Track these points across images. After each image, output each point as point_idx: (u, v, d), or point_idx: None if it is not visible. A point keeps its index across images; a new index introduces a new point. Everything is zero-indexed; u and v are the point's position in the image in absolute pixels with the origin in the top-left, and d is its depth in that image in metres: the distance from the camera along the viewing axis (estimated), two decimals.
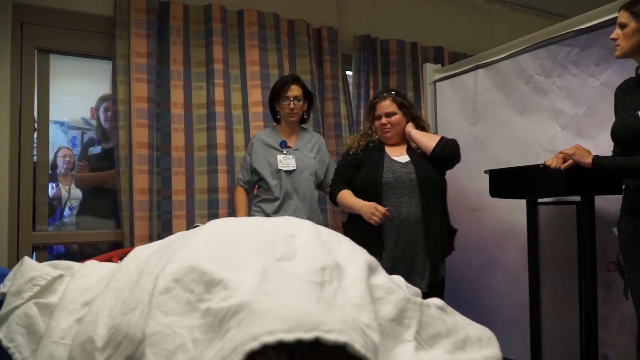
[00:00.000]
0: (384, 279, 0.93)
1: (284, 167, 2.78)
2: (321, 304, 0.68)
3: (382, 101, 2.63)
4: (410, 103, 2.68)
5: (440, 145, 2.50)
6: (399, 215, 2.44)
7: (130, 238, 2.80)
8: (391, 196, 2.48)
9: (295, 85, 2.78)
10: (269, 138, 2.84)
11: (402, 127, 2.62)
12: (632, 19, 1.91)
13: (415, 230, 2.44)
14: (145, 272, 0.84)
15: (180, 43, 3.06)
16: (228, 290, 0.74)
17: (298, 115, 2.83)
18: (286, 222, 1.04)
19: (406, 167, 2.52)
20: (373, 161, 2.58)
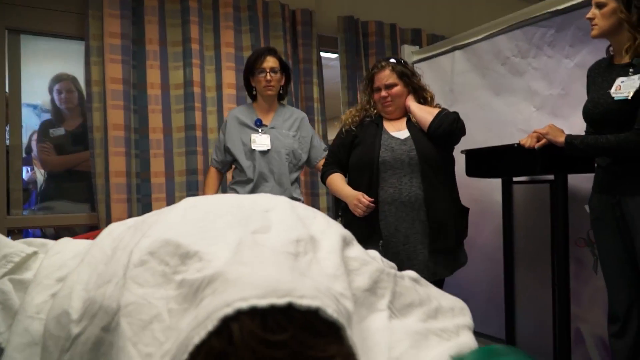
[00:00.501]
0: (359, 252, 0.94)
1: (257, 146, 2.63)
2: (295, 273, 0.69)
3: (381, 71, 2.36)
4: (411, 71, 2.42)
5: (436, 122, 2.24)
6: (399, 198, 2.21)
7: (107, 221, 2.78)
8: (389, 177, 2.24)
9: (270, 57, 2.64)
10: (244, 116, 2.71)
11: (404, 100, 2.37)
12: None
13: (419, 214, 2.21)
14: (119, 247, 0.84)
15: (155, 22, 3.02)
16: (203, 262, 0.74)
17: (275, 88, 2.68)
18: (262, 198, 1.04)
19: (405, 143, 2.27)
20: (369, 138, 2.33)
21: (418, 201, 2.20)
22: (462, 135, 2.32)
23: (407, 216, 2.21)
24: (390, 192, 2.22)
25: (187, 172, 3.03)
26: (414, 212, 2.21)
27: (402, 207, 2.21)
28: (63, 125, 3.19)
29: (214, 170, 2.77)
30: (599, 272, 2.16)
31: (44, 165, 3.21)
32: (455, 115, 2.28)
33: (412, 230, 2.21)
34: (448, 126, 2.23)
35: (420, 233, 2.21)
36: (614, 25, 1.95)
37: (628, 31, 1.93)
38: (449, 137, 2.26)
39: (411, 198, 2.20)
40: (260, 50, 2.70)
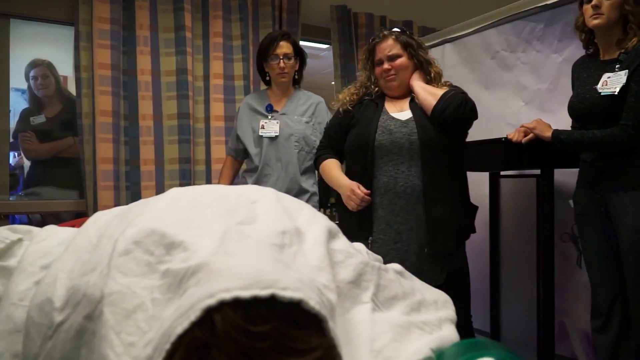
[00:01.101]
0: (344, 244, 0.95)
1: (265, 133, 2.53)
2: (279, 264, 0.69)
3: (383, 41, 2.09)
4: (418, 42, 2.14)
5: (439, 105, 1.95)
6: (394, 188, 1.95)
7: (95, 208, 2.77)
8: (385, 163, 1.98)
9: (284, 42, 2.52)
10: (256, 102, 2.62)
11: (409, 73, 2.10)
12: None
13: (415, 208, 1.95)
14: (105, 235, 0.84)
15: (146, 7, 2.99)
16: (188, 252, 0.75)
17: (289, 75, 2.56)
18: (248, 190, 1.04)
19: (406, 126, 2.00)
20: (365, 119, 2.07)
21: (415, 193, 1.94)
22: (473, 119, 2.04)
23: (400, 210, 1.95)
24: (384, 180, 1.97)
25: (180, 160, 3.01)
26: (409, 205, 1.95)
27: (395, 199, 1.95)
28: (43, 112, 3.16)
29: (230, 158, 2.72)
30: (583, 267, 2.18)
31: (27, 154, 3.18)
32: (463, 97, 1.96)
33: (405, 227, 1.95)
34: (453, 111, 1.93)
35: (415, 230, 1.95)
36: (618, 17, 1.95)
37: (630, 25, 1.93)
38: (454, 123, 1.97)
39: (407, 189, 1.94)
40: (273, 35, 2.57)
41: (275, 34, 2.59)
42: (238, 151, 2.66)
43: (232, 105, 3.18)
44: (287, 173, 2.51)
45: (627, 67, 1.90)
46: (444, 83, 2.10)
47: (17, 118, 3.22)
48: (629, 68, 1.89)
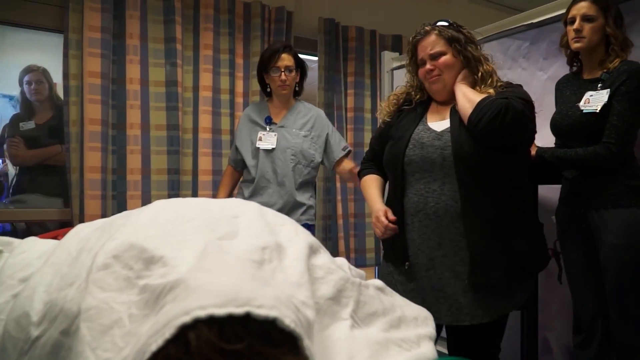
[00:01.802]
0: (325, 260, 0.96)
1: (262, 145, 2.53)
2: (256, 281, 0.70)
3: (425, 38, 1.81)
4: (468, 36, 1.81)
5: (474, 114, 1.64)
6: (424, 209, 1.72)
7: (80, 217, 2.75)
8: (417, 180, 1.75)
9: (286, 54, 2.52)
10: (255, 113, 2.63)
11: (456, 72, 1.79)
12: (601, 14, 1.98)
13: (449, 232, 1.68)
14: (85, 248, 0.85)
15: (137, 17, 2.99)
16: (167, 267, 0.75)
17: (290, 87, 2.57)
18: (231, 204, 1.05)
19: (440, 138, 1.74)
20: (402, 129, 1.85)
21: (448, 215, 1.68)
22: (521, 131, 1.69)
23: (432, 233, 1.71)
24: (414, 200, 1.75)
25: (168, 171, 3.00)
26: (441, 228, 1.69)
27: (426, 221, 1.72)
28: (34, 118, 3.15)
29: (230, 168, 2.72)
30: (565, 283, 2.20)
31: (13, 160, 3.16)
32: (503, 104, 1.60)
33: (438, 252, 1.70)
34: (488, 122, 1.60)
35: (449, 257, 1.69)
36: (599, 40, 2.00)
37: (612, 47, 1.97)
38: (492, 136, 1.63)
39: (438, 210, 1.69)
40: (274, 47, 2.58)
41: (277, 45, 2.60)
42: (237, 162, 2.67)
43: (219, 117, 3.20)
44: (282, 186, 2.51)
45: (609, 87, 1.94)
46: (497, 84, 1.77)
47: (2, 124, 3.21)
48: (611, 87, 1.93)
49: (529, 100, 1.71)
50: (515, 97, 1.65)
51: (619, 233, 1.93)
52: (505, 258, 1.67)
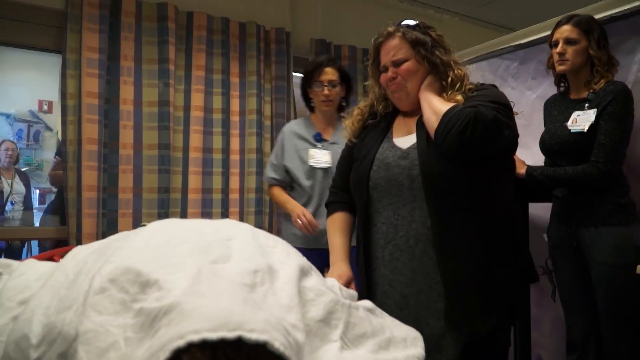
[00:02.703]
0: (315, 282, 0.98)
1: (316, 163, 2.37)
2: (247, 305, 0.72)
3: (388, 41, 1.58)
4: (435, 39, 1.57)
5: (440, 128, 1.41)
6: (394, 239, 1.50)
7: (77, 236, 2.76)
8: (384, 207, 1.53)
9: (330, 68, 2.41)
10: (302, 130, 2.49)
11: (420, 79, 1.55)
12: (583, 37, 2.03)
13: (423, 264, 1.45)
14: (82, 271, 0.87)
15: (131, 39, 3.03)
16: (162, 290, 0.77)
17: (334, 102, 2.44)
18: (225, 225, 1.07)
19: (406, 156, 1.51)
20: (365, 148, 1.63)
21: (420, 244, 1.46)
22: (495, 141, 1.43)
23: (404, 267, 1.48)
24: (383, 230, 1.53)
25: (159, 189, 3.03)
26: (414, 260, 1.47)
27: (397, 253, 1.50)
28: None
29: (278, 188, 2.51)
30: (558, 300, 2.23)
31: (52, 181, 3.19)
32: (471, 113, 1.36)
33: (413, 289, 1.47)
34: (456, 137, 1.37)
35: (424, 293, 1.45)
36: (583, 62, 2.05)
37: (596, 69, 2.02)
38: (462, 151, 1.39)
39: (409, 240, 1.47)
40: (318, 61, 2.47)
41: (321, 59, 2.48)
42: (286, 182, 2.50)
43: (210, 137, 3.23)
44: None
45: (596, 107, 1.99)
46: (465, 88, 1.53)
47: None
48: (598, 107, 1.98)
49: (503, 102, 1.47)
50: (486, 102, 1.42)
51: (610, 251, 1.96)
52: (486, 289, 1.42)
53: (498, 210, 1.49)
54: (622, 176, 2.03)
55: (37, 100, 4.54)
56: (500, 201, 1.52)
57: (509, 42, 2.62)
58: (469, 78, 1.58)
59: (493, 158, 1.47)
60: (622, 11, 2.20)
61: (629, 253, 1.93)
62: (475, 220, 1.44)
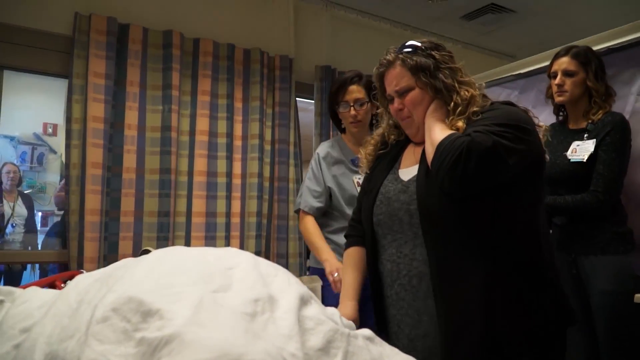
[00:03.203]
0: (315, 311, 0.99)
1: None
2: (248, 335, 0.74)
3: (389, 70, 1.47)
4: (440, 60, 1.42)
5: (434, 161, 1.29)
6: (398, 278, 1.41)
7: (79, 259, 2.77)
8: (389, 244, 1.45)
9: (355, 86, 2.21)
10: (338, 153, 2.28)
11: (426, 107, 1.43)
12: (581, 69, 2.07)
13: (427, 305, 1.34)
14: (85, 300, 0.88)
15: (137, 65, 3.08)
16: (164, 320, 0.79)
17: (364, 122, 2.24)
18: (227, 254, 1.09)
19: (406, 190, 1.42)
20: (373, 181, 1.55)
21: (424, 284, 1.35)
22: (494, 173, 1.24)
23: (409, 308, 1.39)
24: (388, 268, 1.44)
25: (159, 213, 3.04)
26: (418, 301, 1.36)
27: (402, 293, 1.40)
28: None
29: (311, 219, 2.23)
30: None
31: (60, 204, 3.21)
32: (464, 143, 1.21)
33: (419, 331, 1.37)
34: (447, 171, 1.23)
35: (430, 337, 1.34)
36: (582, 93, 2.09)
37: (594, 100, 2.06)
38: (455, 186, 1.25)
39: (412, 279, 1.37)
40: (341, 80, 2.28)
41: (344, 77, 2.28)
42: (320, 209, 2.25)
43: (214, 161, 3.26)
44: None
45: (595, 137, 2.01)
46: (469, 111, 1.35)
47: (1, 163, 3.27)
48: (597, 138, 2.00)
49: (512, 122, 1.27)
50: (490, 126, 1.25)
51: (609, 280, 1.97)
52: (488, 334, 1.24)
53: (514, 249, 1.29)
54: (620, 205, 2.05)
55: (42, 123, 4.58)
56: (518, 238, 1.31)
57: (510, 71, 2.66)
58: (481, 98, 1.40)
59: (508, 187, 1.28)
60: (619, 43, 2.25)
61: (628, 281, 1.94)
62: (482, 262, 1.26)
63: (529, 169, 1.30)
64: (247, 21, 3.61)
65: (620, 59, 2.28)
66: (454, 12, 4.18)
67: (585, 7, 4.08)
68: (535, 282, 1.30)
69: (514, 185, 1.29)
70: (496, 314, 1.25)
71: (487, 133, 1.23)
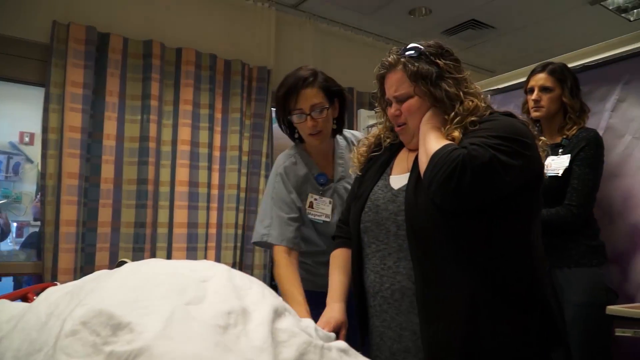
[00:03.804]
0: (289, 323, 0.99)
1: (314, 215, 1.86)
2: (219, 348, 0.73)
3: (390, 74, 1.40)
4: (444, 67, 1.33)
5: (427, 174, 1.23)
6: (381, 290, 1.36)
7: (53, 271, 2.72)
8: (373, 254, 1.40)
9: (309, 89, 1.79)
10: (302, 169, 1.90)
11: (423, 115, 1.36)
12: (557, 85, 2.12)
13: (409, 320, 1.30)
14: (54, 314, 0.87)
15: (117, 75, 3.06)
16: (134, 333, 0.78)
17: (325, 132, 1.85)
18: (202, 266, 1.08)
19: (395, 199, 1.37)
20: (363, 186, 1.50)
21: (406, 299, 1.31)
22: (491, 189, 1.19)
23: (392, 321, 1.34)
24: (371, 279, 1.39)
25: (136, 224, 3.01)
26: (401, 315, 1.32)
27: (385, 306, 1.36)
28: None
29: (285, 251, 1.77)
30: None
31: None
32: (459, 157, 1.16)
33: (400, 346, 1.33)
34: (440, 185, 1.18)
35: (411, 353, 1.31)
36: (557, 109, 2.13)
37: (569, 116, 2.11)
38: (449, 201, 1.21)
39: (395, 293, 1.33)
40: (291, 83, 1.81)
41: (294, 78, 1.82)
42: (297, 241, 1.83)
43: (196, 171, 3.24)
44: None
45: (569, 152, 2.06)
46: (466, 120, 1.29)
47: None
48: (571, 153, 2.05)
49: (511, 135, 1.21)
50: (486, 139, 1.19)
51: (582, 291, 2.00)
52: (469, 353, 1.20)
53: (504, 268, 1.24)
54: (593, 219, 2.09)
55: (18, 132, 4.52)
56: (509, 257, 1.25)
57: (489, 86, 2.69)
58: (484, 109, 1.33)
59: (502, 203, 1.22)
60: (594, 61, 2.30)
61: (601, 293, 1.97)
62: (468, 281, 1.21)
63: (526, 184, 1.25)
64: (229, 32, 3.62)
65: (595, 76, 2.33)
66: (435, 27, 4.25)
67: (562, 25, 4.17)
68: (522, 302, 1.24)
69: (509, 201, 1.23)
70: (479, 336, 1.20)
71: (484, 146, 1.17)
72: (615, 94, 2.29)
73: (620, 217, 2.22)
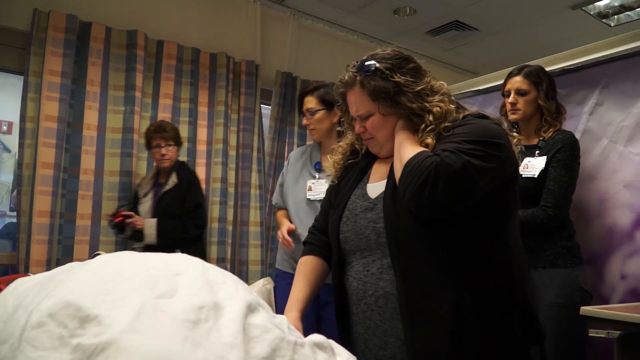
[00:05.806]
0: (262, 319, 0.98)
1: (312, 195, 2.28)
2: (187, 343, 0.72)
3: (349, 91, 1.39)
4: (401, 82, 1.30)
5: (401, 182, 1.23)
6: (364, 297, 1.34)
7: (26, 262, 2.68)
8: (357, 260, 1.38)
9: (309, 97, 2.35)
10: (306, 155, 2.43)
11: (391, 128, 1.35)
12: (533, 88, 2.13)
13: (393, 326, 1.29)
14: (22, 305, 0.85)
15: (99, 65, 3.03)
16: (102, 326, 0.77)
17: (319, 130, 2.34)
18: (175, 260, 1.07)
19: (373, 207, 1.36)
20: (340, 195, 1.48)
21: (390, 305, 1.29)
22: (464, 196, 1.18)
23: (376, 328, 1.33)
24: (354, 285, 1.38)
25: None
26: (385, 322, 1.31)
27: (369, 312, 1.34)
28: None
29: (280, 211, 2.45)
30: None
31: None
32: (432, 165, 1.15)
33: (385, 353, 1.31)
34: (413, 195, 1.18)
35: (398, 358, 1.29)
36: (534, 111, 2.15)
37: (545, 118, 2.13)
38: (423, 210, 1.20)
39: (379, 299, 1.31)
40: (300, 92, 2.46)
41: (302, 89, 2.47)
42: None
43: None
44: None
45: (545, 154, 2.08)
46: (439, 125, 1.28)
47: None
48: (547, 155, 2.06)
49: (484, 139, 1.21)
50: (459, 144, 1.19)
51: (557, 292, 2.02)
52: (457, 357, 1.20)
53: (484, 270, 1.25)
54: (569, 220, 2.11)
55: None
56: (489, 258, 1.26)
57: (470, 87, 2.72)
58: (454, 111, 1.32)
59: (479, 207, 1.22)
60: (574, 64, 2.33)
61: (575, 294, 1.99)
62: (451, 286, 1.22)
63: (501, 185, 1.25)
64: (213, 26, 3.60)
65: (574, 80, 2.36)
66: (419, 28, 4.26)
67: (544, 28, 4.22)
68: (504, 302, 1.25)
69: (485, 204, 1.23)
70: (465, 340, 1.20)
71: (457, 153, 1.17)
72: (594, 98, 2.32)
73: (596, 219, 2.25)
